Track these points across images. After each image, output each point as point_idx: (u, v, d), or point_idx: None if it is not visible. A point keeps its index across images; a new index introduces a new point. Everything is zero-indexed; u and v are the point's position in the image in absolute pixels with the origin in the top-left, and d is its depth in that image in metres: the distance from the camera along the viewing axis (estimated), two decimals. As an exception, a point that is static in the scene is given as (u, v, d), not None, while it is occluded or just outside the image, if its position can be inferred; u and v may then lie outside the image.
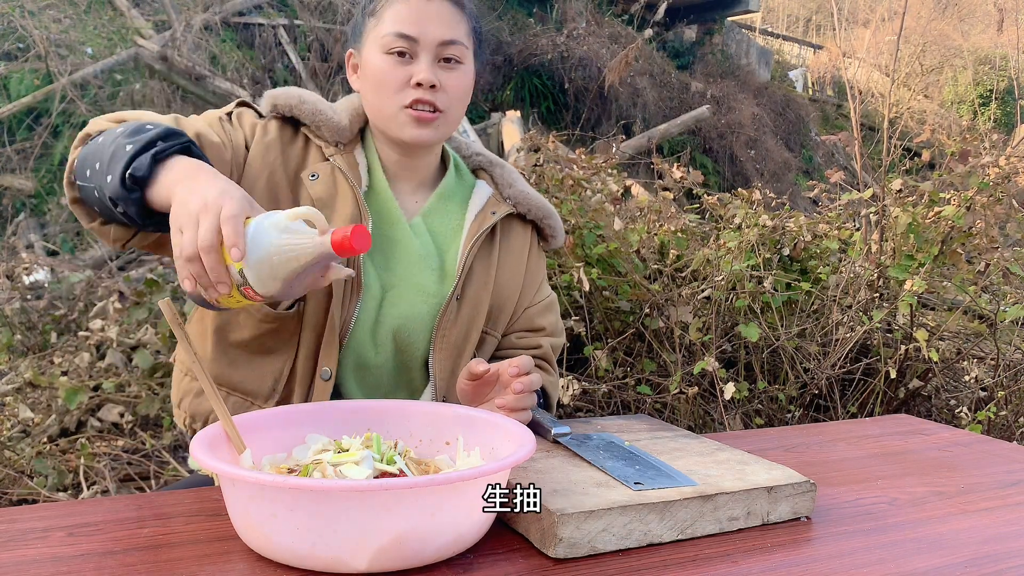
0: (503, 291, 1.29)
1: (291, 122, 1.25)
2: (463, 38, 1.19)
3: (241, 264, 0.87)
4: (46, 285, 4.09)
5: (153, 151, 0.96)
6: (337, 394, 1.23)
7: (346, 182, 1.21)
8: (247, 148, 1.20)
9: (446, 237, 1.28)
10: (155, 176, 0.96)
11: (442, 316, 1.23)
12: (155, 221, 1.00)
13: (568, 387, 2.63)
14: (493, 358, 1.33)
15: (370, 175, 1.26)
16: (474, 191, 1.32)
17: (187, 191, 0.90)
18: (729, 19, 10.59)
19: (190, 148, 1.00)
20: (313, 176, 1.21)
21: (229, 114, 1.24)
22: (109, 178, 0.97)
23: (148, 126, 1.01)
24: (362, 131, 1.30)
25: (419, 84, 1.16)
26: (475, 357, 1.26)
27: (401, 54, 1.16)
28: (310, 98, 1.24)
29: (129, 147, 0.97)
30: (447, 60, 1.19)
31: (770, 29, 13.69)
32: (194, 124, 1.15)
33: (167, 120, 1.12)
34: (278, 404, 1.20)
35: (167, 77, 5.79)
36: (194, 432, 1.27)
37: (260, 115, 1.26)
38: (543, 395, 1.29)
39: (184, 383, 1.28)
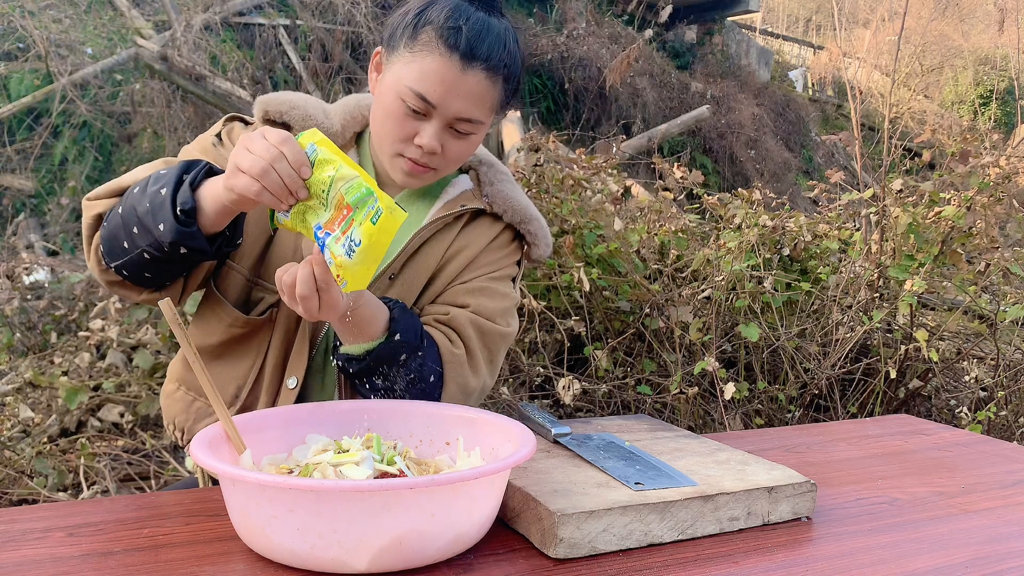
0: (440, 272, 1.24)
1: (283, 127, 1.21)
2: (483, 115, 1.12)
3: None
4: (46, 285, 4.09)
5: (188, 181, 1.00)
6: (301, 401, 1.21)
7: None
8: None
9: (409, 224, 1.23)
10: (199, 203, 1.00)
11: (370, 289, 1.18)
12: (219, 244, 1.06)
13: (568, 387, 2.63)
14: None
15: None
16: (452, 183, 1.27)
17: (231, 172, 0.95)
18: (729, 19, 10.59)
19: (211, 169, 1.04)
20: None
21: (219, 135, 1.21)
22: (161, 227, 0.99)
23: (162, 172, 1.03)
24: (360, 134, 1.27)
25: (420, 146, 1.12)
26: None
27: (415, 111, 1.10)
28: (301, 102, 1.21)
29: (164, 191, 0.99)
30: (458, 131, 1.13)
31: (770, 29, 13.69)
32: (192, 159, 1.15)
33: (159, 167, 1.11)
34: (239, 413, 1.13)
35: (167, 77, 5.79)
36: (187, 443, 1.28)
37: (249, 122, 1.23)
38: (436, 360, 1.15)
39: (177, 395, 1.27)
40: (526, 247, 1.31)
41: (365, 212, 0.90)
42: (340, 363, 1.12)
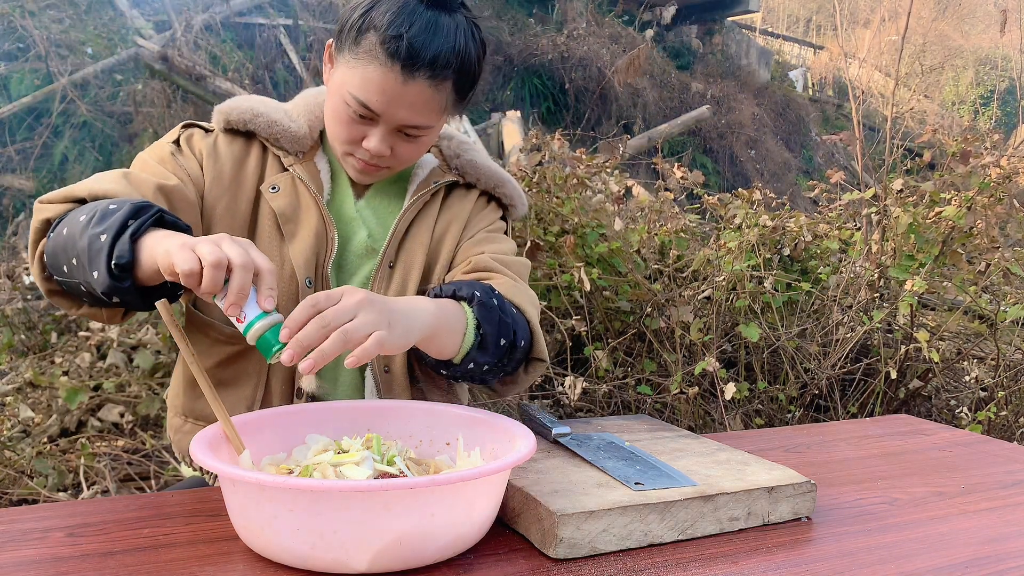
0: (439, 248, 1.24)
1: (244, 132, 1.20)
2: (431, 119, 1.11)
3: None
4: (46, 285, 4.08)
5: (129, 232, 0.89)
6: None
7: (308, 193, 1.18)
8: (203, 173, 1.16)
9: (390, 213, 1.24)
10: (138, 256, 0.90)
11: (372, 283, 1.19)
12: (152, 300, 0.94)
13: (574, 386, 2.63)
14: None
15: (332, 179, 1.23)
16: (418, 164, 1.27)
17: (175, 241, 0.86)
18: (729, 19, 10.58)
19: (162, 217, 0.94)
20: (274, 188, 1.17)
21: (177, 141, 1.18)
22: (96, 274, 0.90)
23: (112, 206, 0.93)
24: (324, 132, 1.25)
25: (368, 150, 1.12)
26: None
27: (361, 116, 1.09)
28: (264, 109, 1.19)
29: (104, 237, 0.89)
30: (407, 134, 1.12)
31: (770, 29, 13.67)
32: (150, 174, 1.10)
33: (118, 183, 1.04)
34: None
35: (167, 77, 5.78)
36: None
37: (208, 130, 1.20)
38: (497, 299, 1.12)
39: (186, 428, 1.24)
40: (505, 208, 1.34)
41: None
42: (471, 366, 1.08)
